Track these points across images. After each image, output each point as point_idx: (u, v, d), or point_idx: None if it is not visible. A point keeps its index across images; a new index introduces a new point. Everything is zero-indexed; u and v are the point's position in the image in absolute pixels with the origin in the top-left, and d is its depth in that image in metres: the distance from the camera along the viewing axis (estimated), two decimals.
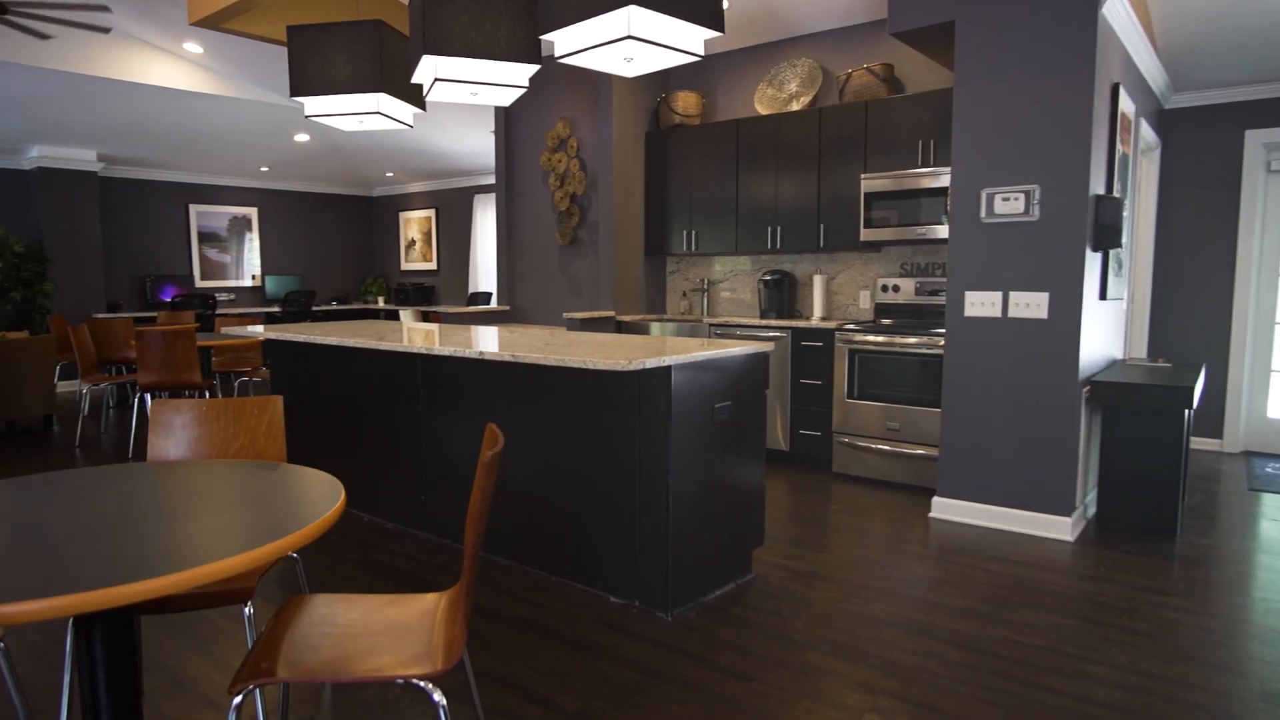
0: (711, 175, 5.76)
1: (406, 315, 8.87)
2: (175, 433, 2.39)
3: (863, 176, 4.94)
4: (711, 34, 3.15)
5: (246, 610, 2.01)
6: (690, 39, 3.13)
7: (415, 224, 11.27)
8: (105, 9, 5.69)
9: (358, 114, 4.27)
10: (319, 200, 11.27)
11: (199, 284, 10.02)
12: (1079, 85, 3.60)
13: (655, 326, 5.73)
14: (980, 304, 3.92)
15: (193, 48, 6.99)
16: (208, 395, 5.79)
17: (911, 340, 4.58)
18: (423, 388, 3.75)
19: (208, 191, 10.12)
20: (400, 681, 1.62)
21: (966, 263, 3.96)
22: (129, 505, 1.68)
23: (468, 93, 3.82)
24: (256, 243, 10.58)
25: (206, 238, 10.10)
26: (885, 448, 4.71)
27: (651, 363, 2.67)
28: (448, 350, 3.18)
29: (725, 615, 2.92)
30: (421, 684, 1.60)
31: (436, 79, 3.62)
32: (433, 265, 11.08)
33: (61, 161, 8.52)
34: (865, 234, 4.95)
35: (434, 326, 4.45)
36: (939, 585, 3.20)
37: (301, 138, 9.13)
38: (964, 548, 3.64)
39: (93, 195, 8.77)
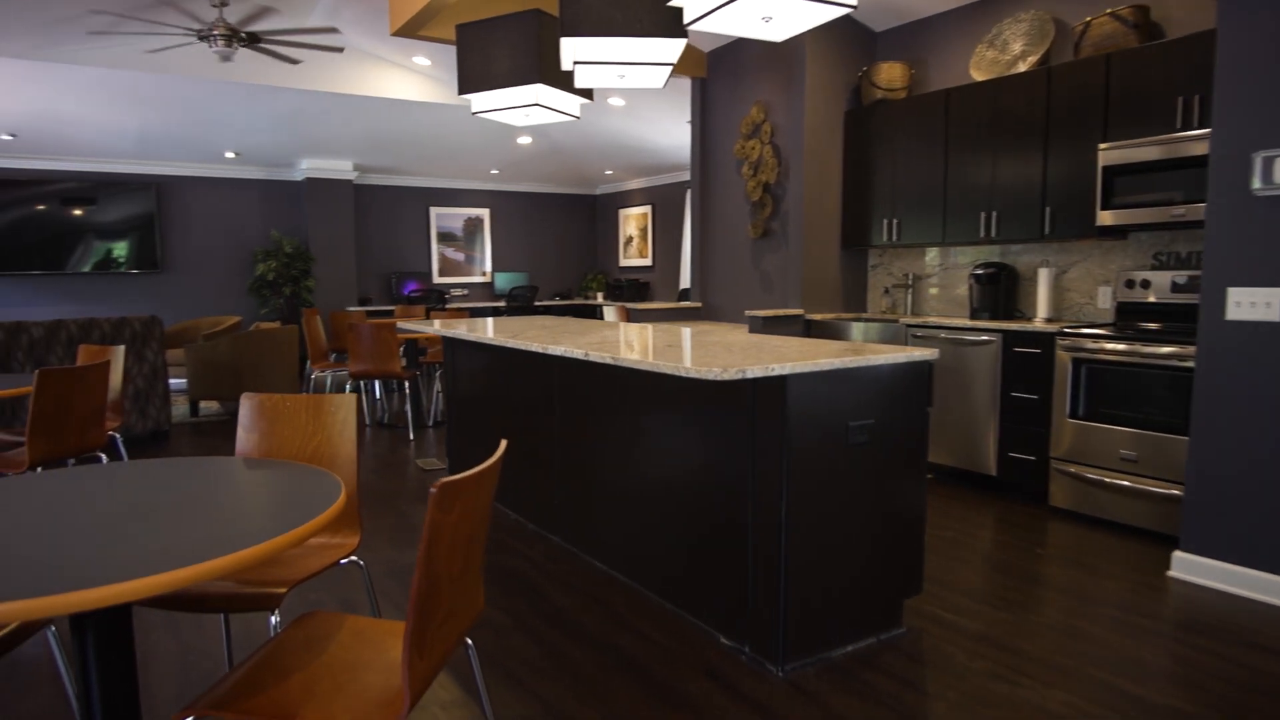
0: (916, 155, 5.06)
1: (609, 312, 8.92)
2: (260, 426, 2.39)
3: (1101, 147, 4.02)
4: None
5: (272, 619, 1.91)
6: None
7: (633, 220, 11.38)
8: (332, 30, 6.22)
9: (519, 107, 4.21)
10: (545, 200, 11.76)
11: (436, 280, 10.86)
12: None
13: (853, 327, 5.15)
14: (1249, 304, 2.97)
15: (421, 60, 7.50)
16: (407, 385, 6.14)
17: (1163, 350, 3.64)
18: (557, 387, 3.59)
19: (445, 194, 10.93)
20: None
21: (1230, 249, 3.02)
22: (139, 502, 1.62)
23: (614, 75, 3.59)
24: (488, 241, 11.27)
25: (444, 237, 10.93)
26: (1120, 482, 3.80)
27: (755, 371, 2.25)
28: (559, 350, 2.97)
29: (849, 678, 2.42)
30: None
31: (576, 62, 3.43)
32: (648, 261, 11.12)
33: (324, 172, 9.61)
34: (1103, 217, 4.03)
35: (573, 322, 4.29)
36: (1157, 675, 2.43)
37: (524, 140, 9.53)
38: (1208, 624, 2.77)
39: (349, 201, 9.80)
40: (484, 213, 11.22)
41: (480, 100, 4.29)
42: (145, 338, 5.83)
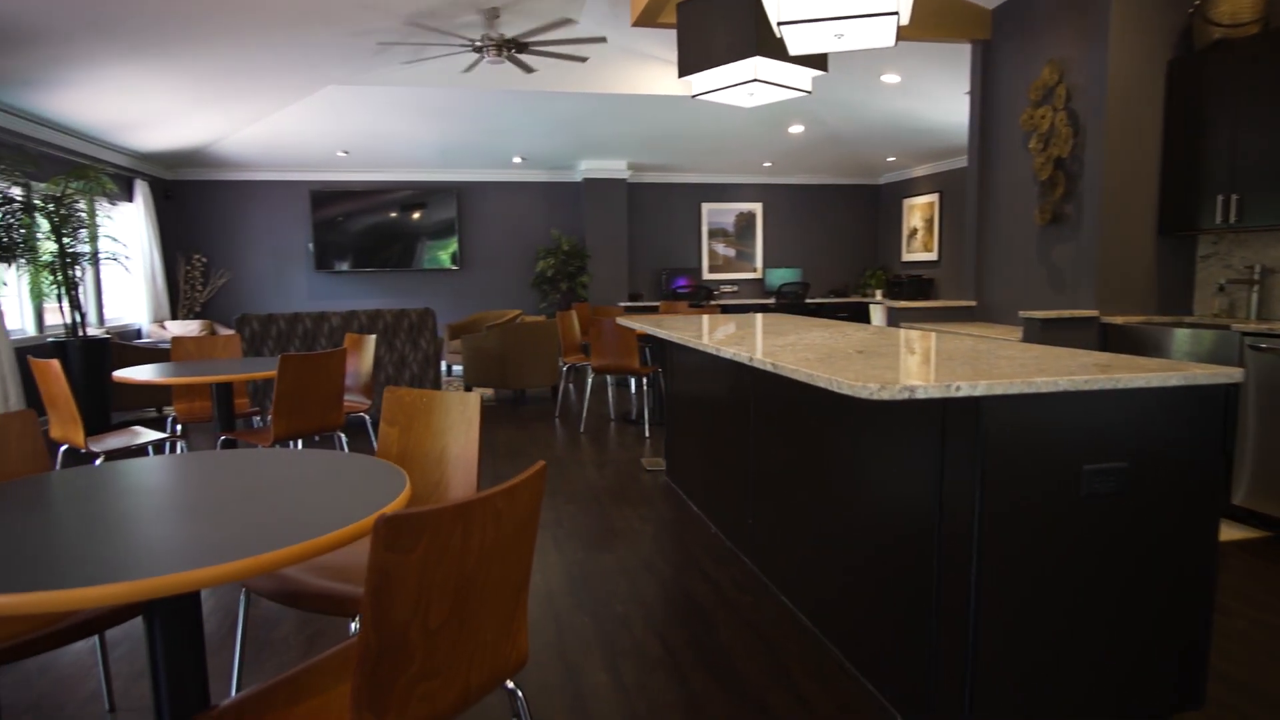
0: (1268, 110, 3.83)
1: (876, 313, 8.17)
2: (400, 420, 2.34)
3: None
4: None
5: (352, 626, 1.81)
6: None
7: (918, 211, 10.37)
8: (600, 40, 6.33)
9: (739, 84, 3.86)
10: (821, 192, 11.17)
11: (706, 276, 10.81)
12: None
13: (1171, 334, 4.06)
14: None
15: None
16: (644, 382, 6.07)
17: None
18: (752, 394, 3.20)
19: (717, 190, 10.83)
20: None
21: None
22: (211, 493, 1.60)
23: (830, 36, 3.10)
24: (760, 236, 10.97)
25: (715, 233, 10.84)
26: None
27: (931, 390, 1.71)
28: (729, 352, 2.60)
29: None
30: None
31: (781, 23, 3.01)
32: (933, 256, 10.05)
33: (601, 172, 9.99)
34: None
35: (788, 321, 3.82)
36: None
37: (796, 129, 9.09)
38: None
39: (622, 199, 10.09)
40: (756, 207, 10.94)
41: (700, 81, 4.01)
42: (420, 328, 6.41)
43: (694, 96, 4.04)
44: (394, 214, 9.94)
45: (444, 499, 2.18)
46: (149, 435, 3.97)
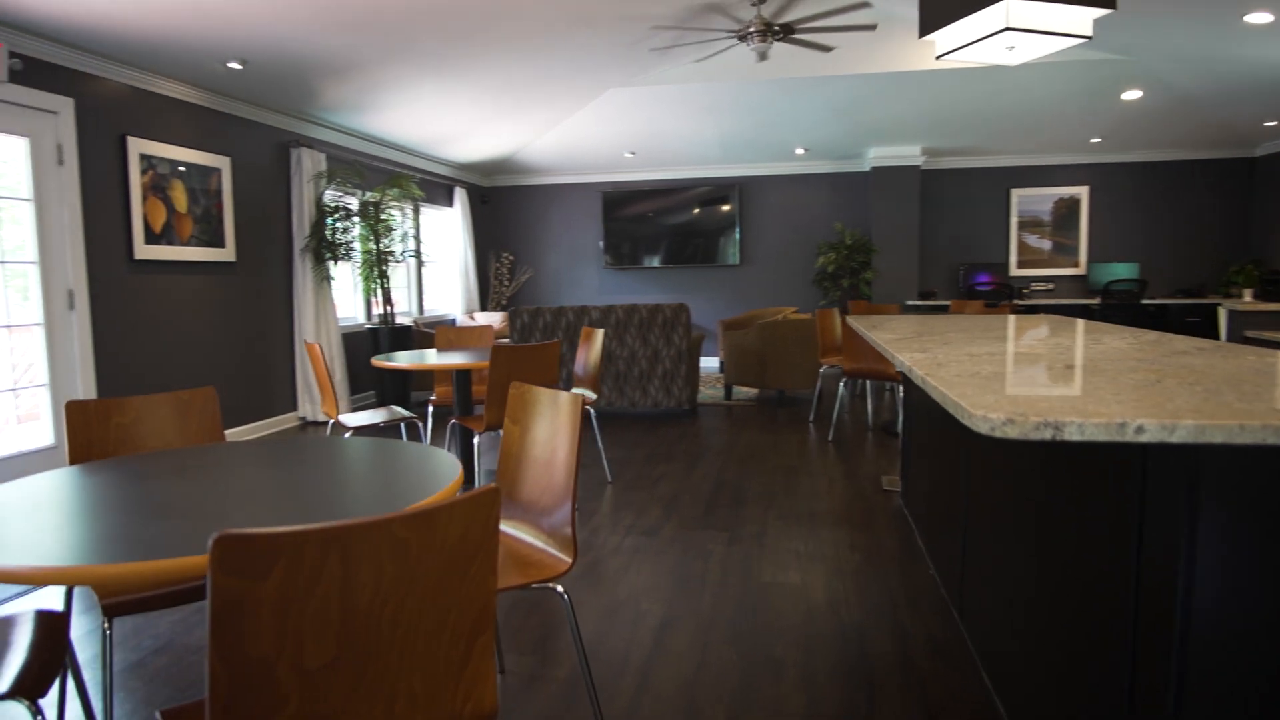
0: None
1: (1224, 317, 6.45)
2: (521, 418, 2.24)
3: None
4: None
5: None
6: None
7: None
8: (864, 4, 5.78)
9: (988, 37, 3.19)
10: (1169, 170, 9.20)
11: (1014, 272, 9.49)
12: None
13: None
14: None
15: None
16: (898, 389, 5.42)
17: None
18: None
19: (1030, 173, 9.42)
20: None
21: None
22: (300, 478, 1.63)
23: None
24: (1085, 225, 9.36)
25: (1027, 223, 9.46)
26: None
27: (1086, 431, 1.16)
28: (902, 359, 2.11)
29: None
30: None
31: None
32: None
33: (891, 160, 9.22)
34: None
35: (1042, 322, 3.05)
36: None
37: (1131, 95, 7.57)
38: None
39: (914, 188, 9.22)
40: (1081, 191, 9.34)
41: (944, 39, 3.41)
42: (673, 323, 6.39)
43: (938, 58, 3.45)
44: (681, 212, 10.10)
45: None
46: (398, 414, 4.38)
